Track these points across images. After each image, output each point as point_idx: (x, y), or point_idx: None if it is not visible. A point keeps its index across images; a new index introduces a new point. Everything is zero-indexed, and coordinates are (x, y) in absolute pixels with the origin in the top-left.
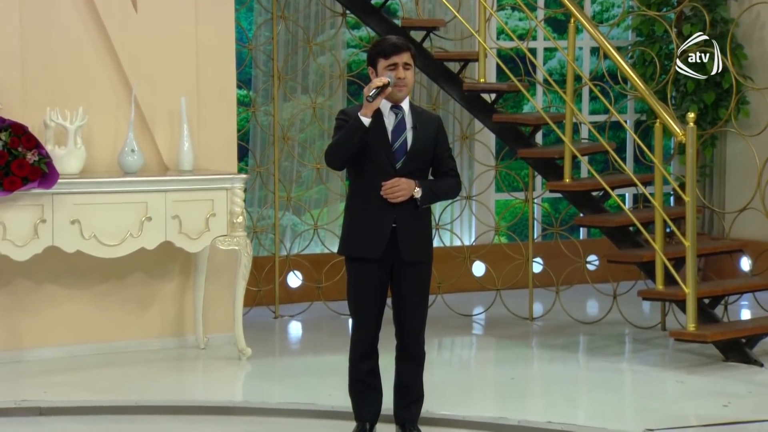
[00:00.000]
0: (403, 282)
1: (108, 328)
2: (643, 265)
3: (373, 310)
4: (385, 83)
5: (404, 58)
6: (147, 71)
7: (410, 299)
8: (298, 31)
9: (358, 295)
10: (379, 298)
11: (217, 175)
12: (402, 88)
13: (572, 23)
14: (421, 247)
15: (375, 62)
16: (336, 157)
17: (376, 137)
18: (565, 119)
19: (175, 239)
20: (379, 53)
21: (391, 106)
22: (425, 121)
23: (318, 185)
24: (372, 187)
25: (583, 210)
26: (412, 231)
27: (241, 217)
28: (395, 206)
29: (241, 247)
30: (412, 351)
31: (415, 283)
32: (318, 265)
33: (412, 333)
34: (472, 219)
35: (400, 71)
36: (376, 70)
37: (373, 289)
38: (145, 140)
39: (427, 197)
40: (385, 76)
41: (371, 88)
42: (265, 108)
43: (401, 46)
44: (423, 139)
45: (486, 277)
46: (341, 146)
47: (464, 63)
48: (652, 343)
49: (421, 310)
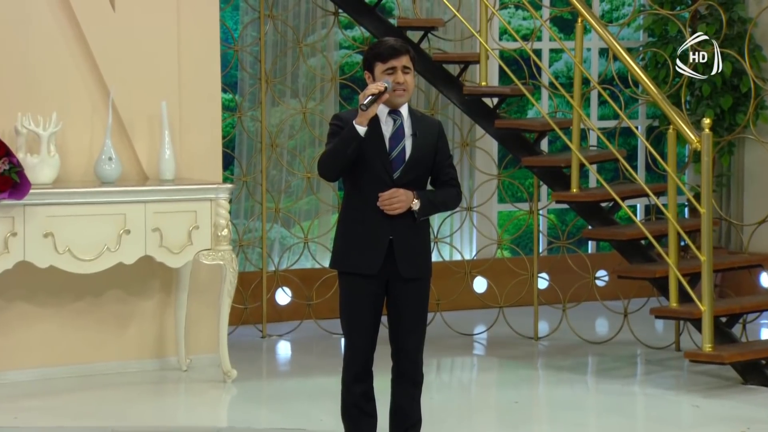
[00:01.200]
0: (400, 299)
1: (83, 349)
2: (656, 281)
3: (367, 328)
4: (381, 90)
5: (403, 61)
6: (125, 73)
7: (407, 318)
8: (287, 31)
9: (352, 312)
10: (374, 316)
11: (200, 185)
12: (401, 94)
13: (580, 23)
14: (420, 262)
15: (372, 66)
16: (329, 168)
17: (373, 145)
18: (572, 125)
19: (155, 253)
20: (376, 57)
21: (389, 111)
22: (425, 127)
23: (308, 196)
24: (368, 198)
25: (591, 222)
26: (410, 245)
27: (226, 230)
28: (392, 219)
29: (226, 262)
30: (409, 373)
31: (413, 300)
32: (308, 281)
33: (409, 354)
34: (473, 232)
35: (399, 75)
36: (373, 75)
37: (368, 306)
38: (123, 148)
39: (425, 209)
40: (383, 81)
41: (366, 95)
42: (252, 113)
43: (400, 49)
44: (423, 146)
45: (488, 294)
46: (334, 157)
47: (464, 65)
48: (666, 364)
49: (419, 329)
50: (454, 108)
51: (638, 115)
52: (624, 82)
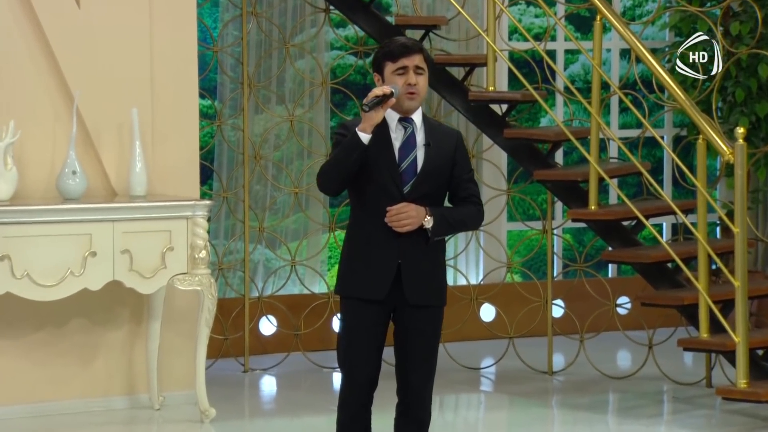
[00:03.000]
0: (409, 330)
1: (43, 386)
2: (685, 309)
3: (368, 362)
4: (387, 93)
5: (416, 60)
6: (92, 77)
7: (415, 350)
8: (272, 30)
9: (352, 343)
10: (377, 348)
11: (175, 202)
12: (413, 97)
13: (598, 21)
14: (432, 287)
15: (381, 67)
16: (329, 180)
17: (381, 155)
18: (591, 134)
19: (124, 278)
20: (386, 55)
21: (400, 118)
22: (441, 136)
23: (296, 213)
24: (375, 215)
25: (612, 243)
26: (421, 268)
27: (204, 252)
28: (401, 238)
29: (203, 288)
30: (416, 413)
31: (422, 330)
32: (296, 309)
33: (417, 391)
34: (480, 253)
35: (410, 76)
36: (382, 77)
37: (371, 336)
38: (89, 160)
39: (439, 228)
40: (390, 85)
41: (370, 97)
42: (233, 121)
43: (412, 47)
44: (437, 158)
45: (496, 323)
46: (335, 167)
47: (470, 68)
48: (696, 402)
49: (428, 363)
50: (458, 115)
51: (664, 123)
52: (648, 87)
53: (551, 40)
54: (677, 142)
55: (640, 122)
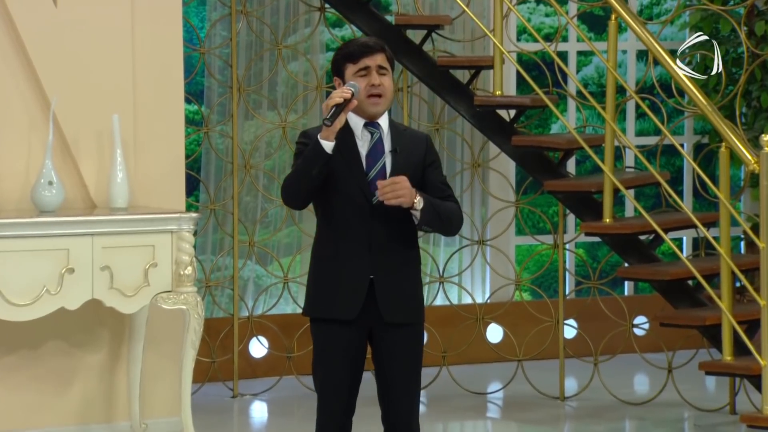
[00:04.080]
0: (386, 351)
1: (16, 413)
2: (707, 330)
3: (342, 388)
4: (347, 96)
5: (378, 59)
6: (69, 81)
7: (397, 373)
8: (263, 30)
9: (326, 367)
10: (352, 373)
11: (159, 214)
12: (377, 100)
13: (613, 20)
14: (408, 304)
15: (342, 69)
16: (293, 193)
17: (347, 164)
18: (605, 142)
19: (104, 297)
20: (346, 57)
21: (365, 124)
22: (408, 141)
23: (289, 226)
24: (342, 228)
25: (628, 258)
26: (395, 284)
27: (190, 268)
28: (373, 252)
29: (189, 307)
30: None
31: (403, 351)
32: (288, 329)
33: (402, 417)
34: (486, 269)
35: (373, 77)
36: (343, 80)
37: (344, 360)
38: (66, 170)
39: (428, 213)
40: (348, 85)
41: (329, 106)
42: (222, 128)
43: (374, 47)
44: (406, 164)
45: (504, 344)
46: (299, 180)
47: (476, 71)
48: (719, 430)
49: (412, 387)
50: (463, 122)
51: (684, 130)
52: (667, 91)
53: (563, 40)
54: (698, 151)
55: (658, 129)
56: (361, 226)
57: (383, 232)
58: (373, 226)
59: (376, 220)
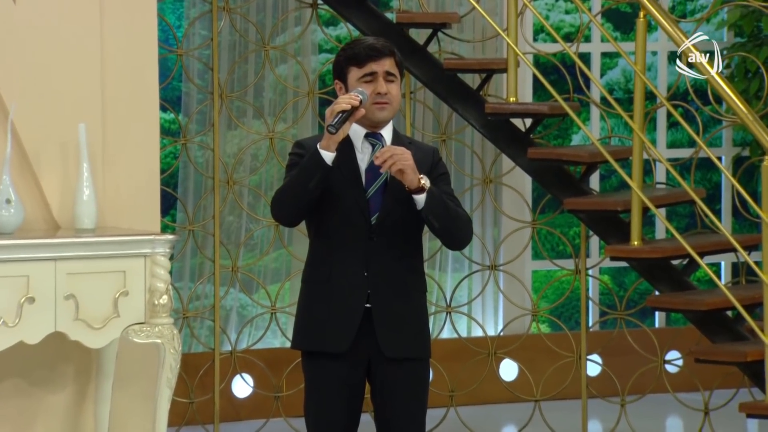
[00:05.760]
0: (387, 389)
1: None
2: (748, 367)
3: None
4: (355, 103)
5: (386, 65)
6: (30, 87)
7: (398, 415)
8: (248, 29)
9: (318, 408)
10: (348, 413)
11: (130, 236)
12: (384, 107)
13: (642, 18)
14: (411, 336)
15: (344, 73)
16: (285, 207)
17: (344, 179)
18: (633, 155)
19: (69, 329)
20: (350, 60)
21: (367, 134)
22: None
23: (277, 249)
24: (337, 249)
25: (659, 286)
26: (396, 312)
27: (166, 297)
28: (370, 278)
29: (164, 341)
30: None
31: (405, 390)
32: (276, 366)
33: None
34: (499, 298)
35: (380, 84)
36: (345, 85)
37: (340, 399)
38: (26, 186)
39: (436, 199)
40: (355, 91)
41: (334, 111)
42: (202, 139)
43: (382, 50)
44: None
45: (519, 383)
46: (293, 193)
47: (487, 75)
48: None
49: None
50: (473, 132)
51: (722, 141)
52: (702, 98)
53: (585, 40)
54: (738, 165)
55: (693, 140)
56: (359, 247)
57: (383, 255)
58: (372, 248)
59: (375, 240)
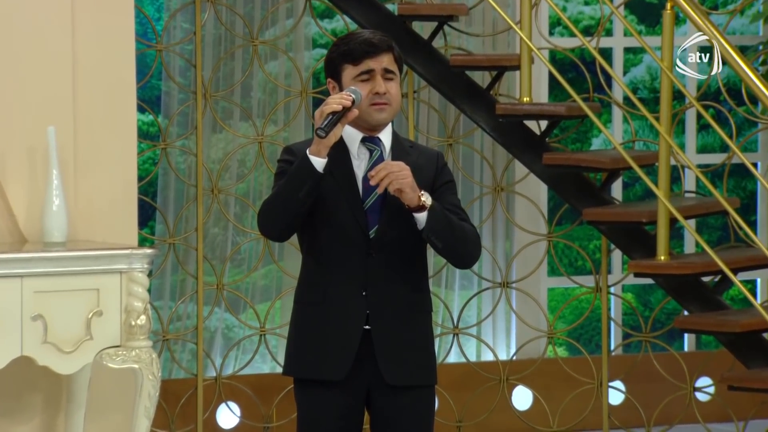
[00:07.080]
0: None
1: None
2: None
3: None
4: (347, 104)
5: (384, 61)
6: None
7: None
8: (235, 22)
9: None
10: None
11: (105, 251)
12: (383, 108)
13: (669, 10)
14: (415, 361)
15: (338, 71)
16: (273, 220)
17: (338, 188)
18: (659, 161)
19: (36, 354)
20: (344, 56)
21: (364, 138)
22: (416, 161)
23: (266, 265)
24: (333, 267)
25: (688, 305)
26: (399, 336)
27: (144, 318)
28: (369, 297)
29: (142, 366)
30: None
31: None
32: (266, 393)
33: None
34: (512, 319)
35: (378, 83)
36: (339, 84)
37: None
38: None
39: (438, 216)
40: (347, 90)
41: (324, 114)
42: (183, 143)
43: (379, 45)
44: None
45: (534, 412)
46: (281, 204)
47: (498, 72)
48: None
49: None
50: (483, 135)
51: (757, 146)
52: (736, 98)
53: (606, 34)
54: None
55: (726, 144)
56: (356, 264)
57: (383, 272)
58: (371, 265)
59: (374, 256)
